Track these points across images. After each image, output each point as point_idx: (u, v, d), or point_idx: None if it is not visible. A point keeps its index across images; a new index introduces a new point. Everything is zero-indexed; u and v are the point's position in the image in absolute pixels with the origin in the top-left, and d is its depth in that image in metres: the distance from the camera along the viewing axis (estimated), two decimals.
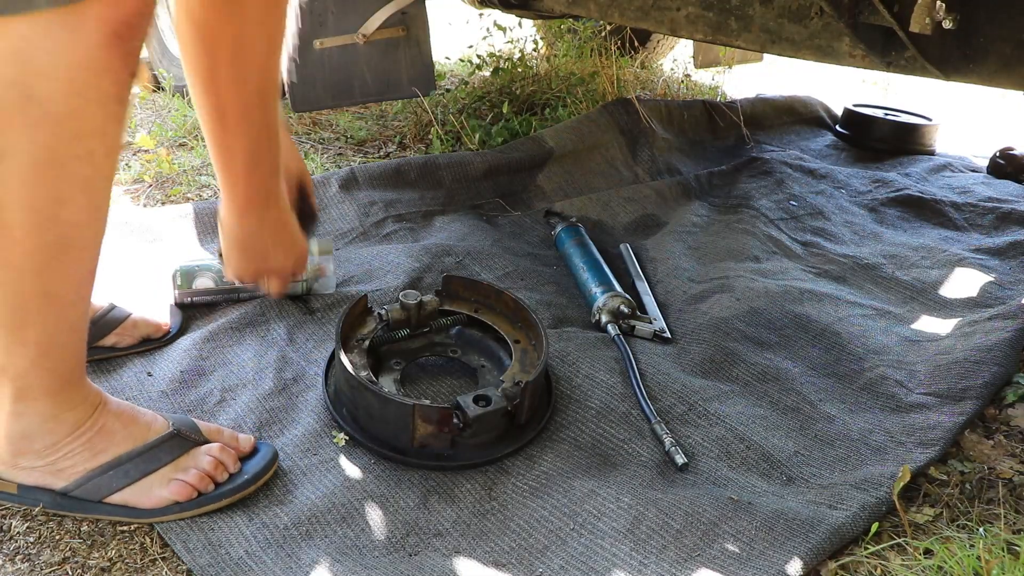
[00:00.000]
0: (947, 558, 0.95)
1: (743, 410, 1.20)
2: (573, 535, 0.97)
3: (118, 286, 1.32)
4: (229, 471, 0.96)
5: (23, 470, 0.91)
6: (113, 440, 0.93)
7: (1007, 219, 1.93)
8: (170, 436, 0.95)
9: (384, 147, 2.13)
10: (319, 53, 1.89)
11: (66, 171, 0.78)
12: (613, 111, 2.10)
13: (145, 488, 0.93)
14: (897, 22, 1.20)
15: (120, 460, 0.92)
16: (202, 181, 1.80)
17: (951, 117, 2.75)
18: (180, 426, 0.97)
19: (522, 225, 1.73)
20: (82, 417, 0.91)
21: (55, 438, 0.90)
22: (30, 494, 0.92)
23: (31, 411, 0.88)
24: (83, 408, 0.92)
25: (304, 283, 1.34)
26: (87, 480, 0.91)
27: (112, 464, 0.92)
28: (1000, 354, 1.34)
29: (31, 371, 0.87)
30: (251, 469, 0.98)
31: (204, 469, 0.94)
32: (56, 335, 0.87)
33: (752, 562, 0.94)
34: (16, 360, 0.86)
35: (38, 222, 0.79)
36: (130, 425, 0.94)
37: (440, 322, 1.25)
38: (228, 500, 0.95)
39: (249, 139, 1.05)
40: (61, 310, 0.86)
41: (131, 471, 0.92)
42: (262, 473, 0.98)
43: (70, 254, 0.83)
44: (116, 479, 0.92)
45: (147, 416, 0.97)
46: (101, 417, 0.93)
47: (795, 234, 1.81)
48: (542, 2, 1.86)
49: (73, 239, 0.82)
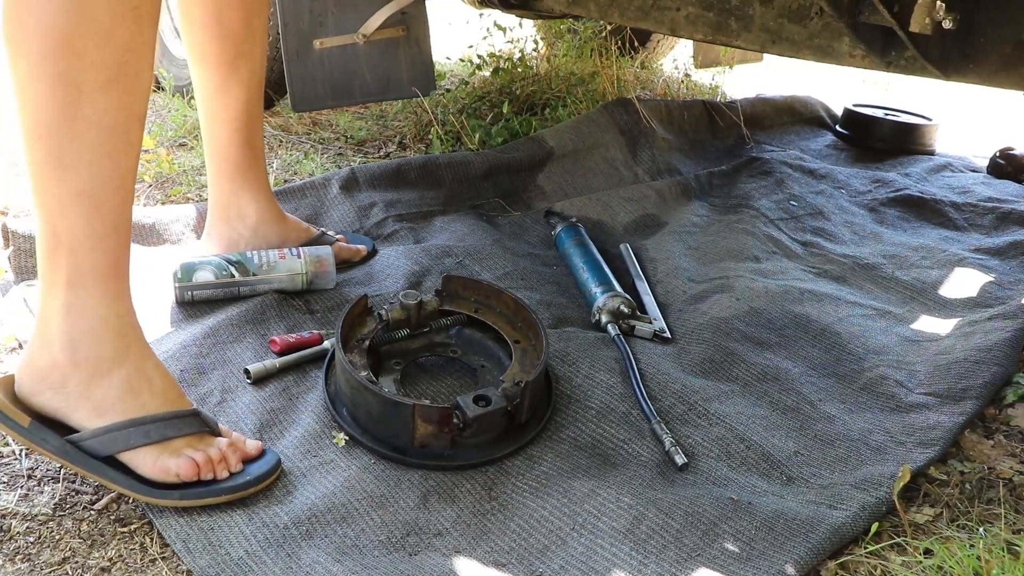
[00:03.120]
0: (947, 558, 0.95)
1: (743, 410, 1.20)
2: (573, 535, 0.97)
3: None
4: (231, 469, 0.97)
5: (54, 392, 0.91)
6: (151, 389, 0.94)
7: (1007, 219, 1.93)
8: (193, 412, 0.97)
9: (384, 147, 2.13)
10: (319, 53, 1.89)
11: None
12: (613, 111, 2.10)
13: (156, 454, 0.93)
14: (897, 22, 1.20)
15: (144, 420, 0.93)
16: (202, 181, 1.80)
17: (951, 117, 2.75)
18: (202, 411, 0.99)
19: (522, 225, 1.73)
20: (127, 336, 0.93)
21: (102, 350, 0.91)
22: (39, 432, 0.91)
23: (83, 302, 0.90)
24: (130, 321, 0.94)
25: (304, 276, 1.34)
26: (105, 431, 0.91)
27: (136, 421, 0.92)
28: (1000, 354, 1.34)
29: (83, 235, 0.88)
30: (254, 471, 0.98)
31: (211, 456, 0.95)
32: (106, 184, 0.88)
33: (752, 562, 0.94)
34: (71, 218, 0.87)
35: (98, 35, 0.83)
36: (167, 386, 0.96)
37: (440, 322, 1.25)
38: (227, 497, 0.95)
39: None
40: (112, 152, 0.88)
41: (152, 432, 0.93)
42: (264, 477, 0.98)
43: (122, 80, 0.86)
44: (135, 436, 0.92)
45: (179, 387, 1.00)
46: (144, 357, 0.95)
47: (795, 234, 1.81)
48: (542, 2, 1.86)
49: (125, 63, 0.86)
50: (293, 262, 1.34)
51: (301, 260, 1.34)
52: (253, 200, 1.39)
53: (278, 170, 1.92)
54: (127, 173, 0.91)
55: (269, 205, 1.42)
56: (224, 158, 1.37)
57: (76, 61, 0.83)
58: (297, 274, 1.34)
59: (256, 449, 1.01)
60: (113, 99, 0.86)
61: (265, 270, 1.32)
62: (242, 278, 1.31)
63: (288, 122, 2.23)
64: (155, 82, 2.43)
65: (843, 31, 1.29)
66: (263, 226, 1.41)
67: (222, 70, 1.31)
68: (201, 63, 1.31)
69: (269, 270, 1.33)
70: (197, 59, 1.31)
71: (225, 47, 1.29)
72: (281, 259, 1.34)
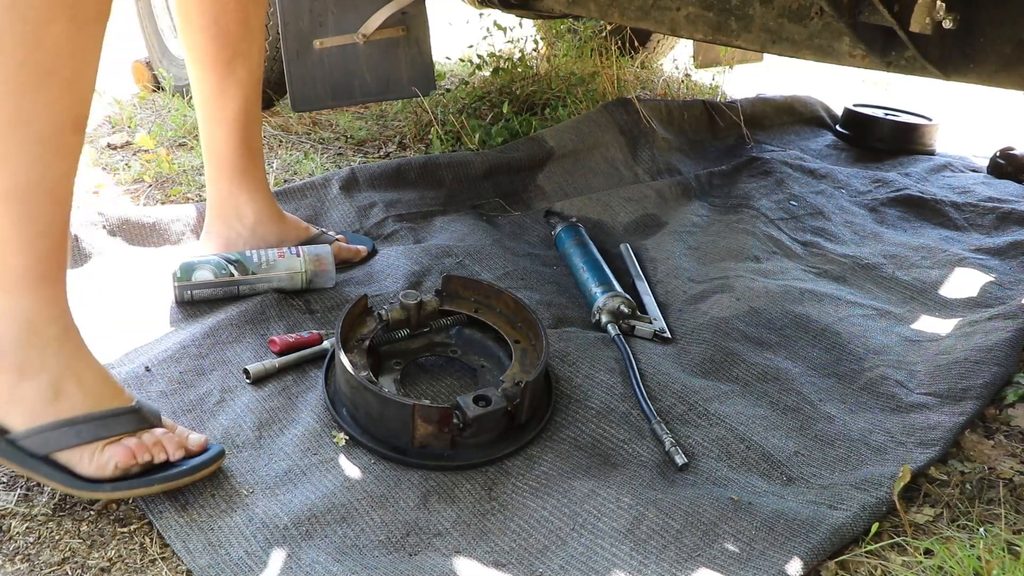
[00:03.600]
0: (947, 558, 0.95)
1: (743, 410, 1.20)
2: (573, 535, 0.97)
3: (117, 286, 1.33)
4: (169, 457, 0.95)
5: None
6: (81, 388, 0.92)
7: (1007, 219, 1.93)
8: (131, 410, 0.95)
9: (384, 147, 2.13)
10: (319, 53, 1.89)
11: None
12: (613, 111, 2.10)
13: (90, 452, 0.91)
14: (897, 22, 1.20)
15: (75, 420, 0.91)
16: (202, 181, 1.79)
17: (951, 117, 2.75)
18: (143, 405, 0.97)
19: (522, 225, 1.73)
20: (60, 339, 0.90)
21: (27, 355, 0.89)
22: None
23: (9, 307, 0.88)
24: (60, 325, 0.91)
25: (303, 275, 1.34)
26: (39, 432, 0.90)
27: (68, 421, 0.90)
28: (1000, 354, 1.34)
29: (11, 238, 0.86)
30: (192, 461, 0.97)
31: (145, 443, 0.94)
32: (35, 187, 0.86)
33: (752, 562, 0.94)
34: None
35: (24, 34, 0.79)
36: (100, 380, 0.94)
37: (440, 322, 1.25)
38: (160, 487, 0.94)
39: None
40: (42, 154, 0.85)
41: (83, 432, 0.91)
42: (200, 467, 0.96)
43: (52, 83, 0.83)
44: (67, 436, 0.90)
45: (117, 383, 0.97)
46: (76, 357, 0.92)
47: (795, 234, 1.81)
48: (542, 2, 1.86)
49: (57, 68, 0.82)
50: (292, 261, 1.34)
51: (300, 259, 1.34)
52: (251, 200, 1.39)
53: (278, 170, 1.92)
54: (62, 177, 0.88)
55: (267, 204, 1.41)
56: (222, 158, 1.36)
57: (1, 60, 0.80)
58: (297, 273, 1.34)
59: (198, 444, 0.99)
60: (43, 103, 0.83)
61: (264, 269, 1.32)
62: (241, 277, 1.31)
63: (288, 122, 2.23)
64: (155, 82, 2.43)
65: (843, 31, 1.29)
66: (261, 226, 1.40)
67: (219, 70, 1.30)
68: (199, 64, 1.31)
69: (268, 269, 1.33)
70: (195, 60, 1.31)
71: (222, 48, 1.29)
72: (280, 258, 1.34)
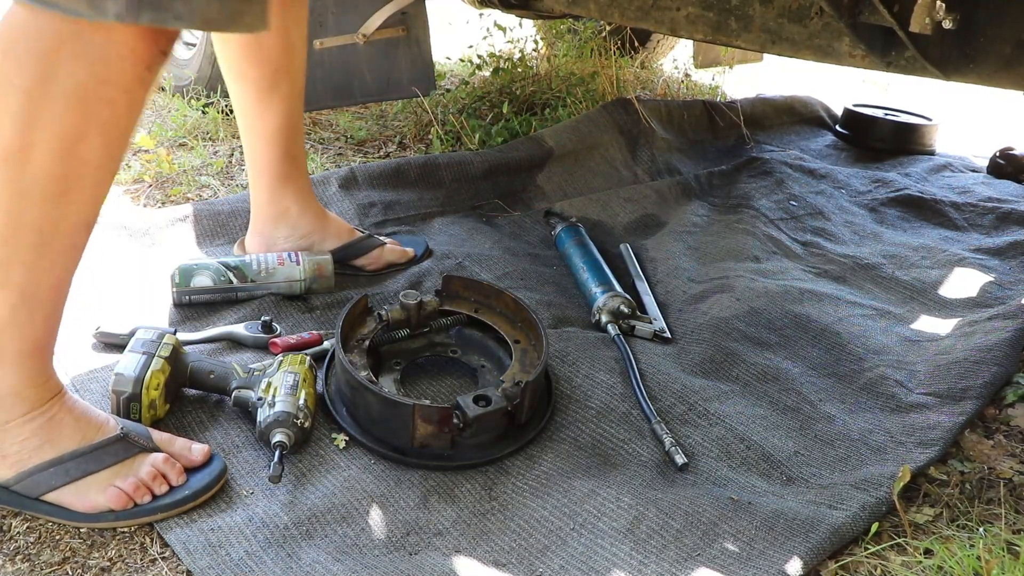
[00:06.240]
0: (947, 558, 0.95)
1: (743, 410, 1.20)
2: (573, 535, 0.97)
3: (117, 286, 1.32)
4: (171, 483, 0.95)
5: None
6: (62, 433, 0.92)
7: (1007, 219, 1.94)
8: (116, 439, 0.94)
9: (384, 147, 2.12)
10: (319, 53, 1.89)
11: (91, 109, 0.81)
12: (613, 111, 2.10)
13: (83, 489, 0.92)
14: (897, 22, 1.20)
15: (63, 458, 0.91)
16: (202, 181, 1.80)
17: (951, 117, 2.75)
18: (129, 431, 0.96)
19: (522, 225, 1.73)
20: (42, 398, 0.91)
21: (9, 416, 0.89)
22: None
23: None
24: (45, 389, 0.91)
25: (301, 283, 1.34)
26: (28, 475, 0.90)
27: (54, 461, 0.91)
28: (1000, 354, 1.34)
29: (7, 324, 0.86)
30: (194, 484, 0.96)
31: (142, 479, 0.93)
32: (40, 282, 0.86)
33: (752, 562, 0.94)
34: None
35: (60, 149, 0.81)
36: (81, 421, 0.94)
37: (440, 322, 1.25)
38: (163, 515, 0.94)
39: None
40: (51, 255, 0.86)
41: (72, 470, 0.91)
42: (204, 490, 0.96)
43: (75, 193, 0.84)
44: (56, 476, 0.91)
45: (99, 416, 0.96)
46: (55, 406, 0.92)
47: (795, 234, 1.81)
48: (542, 2, 1.86)
49: (83, 177, 0.84)
50: (292, 269, 1.34)
51: (300, 267, 1.34)
52: (294, 202, 1.39)
53: None
54: (65, 273, 0.89)
55: (310, 207, 1.42)
56: (264, 166, 1.36)
57: (28, 171, 0.80)
58: (295, 281, 1.34)
59: (202, 455, 0.99)
60: (62, 210, 0.84)
61: (263, 276, 1.33)
62: (240, 284, 1.31)
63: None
64: None
65: (843, 31, 1.29)
66: (304, 227, 1.40)
67: (263, 86, 1.28)
68: (238, 81, 1.29)
69: (267, 276, 1.33)
70: (235, 78, 1.29)
71: (264, 71, 1.27)
72: (280, 265, 1.34)
